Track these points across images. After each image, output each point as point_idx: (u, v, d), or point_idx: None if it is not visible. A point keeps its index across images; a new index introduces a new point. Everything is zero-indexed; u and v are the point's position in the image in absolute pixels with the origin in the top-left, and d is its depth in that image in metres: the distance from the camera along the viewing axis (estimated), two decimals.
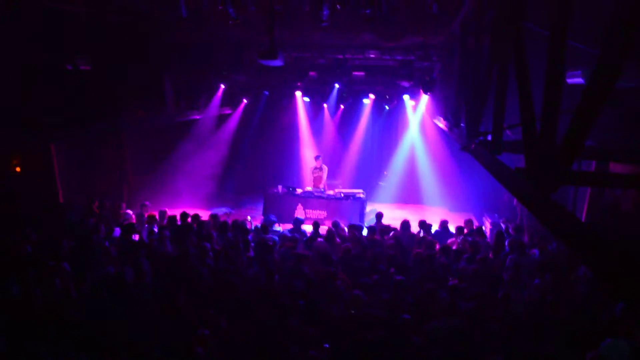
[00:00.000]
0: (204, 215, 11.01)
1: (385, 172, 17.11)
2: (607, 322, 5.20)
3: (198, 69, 13.33)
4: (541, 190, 2.81)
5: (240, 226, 9.78)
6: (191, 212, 10.79)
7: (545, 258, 8.17)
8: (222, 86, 14.55)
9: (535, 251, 8.70)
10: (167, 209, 11.32)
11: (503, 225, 11.28)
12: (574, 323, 5.51)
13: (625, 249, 1.87)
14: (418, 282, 7.25)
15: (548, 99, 2.76)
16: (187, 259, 7.81)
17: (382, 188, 16.97)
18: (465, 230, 10.06)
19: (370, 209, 14.24)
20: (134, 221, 10.66)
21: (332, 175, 15.75)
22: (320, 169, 14.03)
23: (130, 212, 11.16)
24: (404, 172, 16.68)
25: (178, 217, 10.38)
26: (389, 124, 16.99)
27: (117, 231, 9.53)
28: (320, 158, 14.23)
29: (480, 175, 12.19)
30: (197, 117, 14.38)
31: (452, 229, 10.34)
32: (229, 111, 16.19)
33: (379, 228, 10.04)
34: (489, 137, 5.13)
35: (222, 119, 16.16)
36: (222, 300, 6.41)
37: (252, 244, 9.21)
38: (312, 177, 14.07)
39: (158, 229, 9.31)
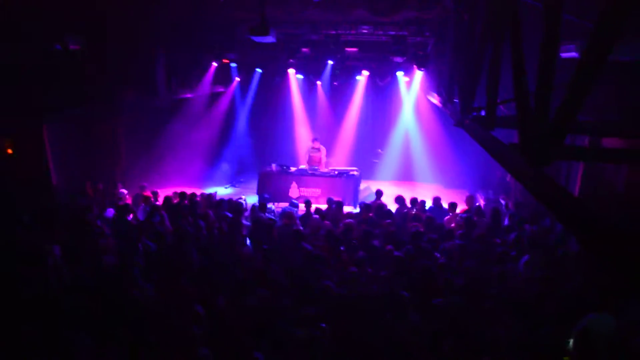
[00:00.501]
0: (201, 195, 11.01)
1: (379, 150, 17.09)
2: (595, 297, 5.25)
3: (190, 47, 13.19)
4: (534, 164, 2.81)
5: (235, 205, 9.80)
6: (187, 192, 10.80)
7: (537, 234, 8.21)
8: (214, 64, 14.42)
9: (528, 227, 8.75)
10: (161, 190, 11.32)
11: (503, 202, 11.30)
12: (563, 299, 5.56)
13: (616, 224, 1.88)
14: (413, 258, 7.29)
15: (542, 74, 2.74)
16: (184, 239, 7.82)
17: (376, 165, 16.97)
18: (466, 207, 10.12)
19: (364, 186, 14.26)
20: (129, 202, 10.66)
21: (328, 153, 15.72)
22: (319, 149, 14.00)
23: (125, 191, 11.14)
24: (398, 149, 16.67)
25: (173, 197, 10.38)
26: (383, 100, 16.93)
27: (110, 211, 9.52)
28: (318, 140, 14.19)
29: (474, 152, 12.22)
30: (189, 96, 14.29)
31: (445, 205, 10.38)
32: (221, 89, 16.08)
33: (375, 205, 10.06)
34: (483, 113, 5.12)
35: (214, 98, 16.06)
36: (218, 280, 6.43)
37: (248, 224, 9.25)
38: (308, 156, 14.05)
39: (152, 209, 9.30)
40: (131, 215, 9.30)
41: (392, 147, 16.82)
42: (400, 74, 15.44)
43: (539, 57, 2.73)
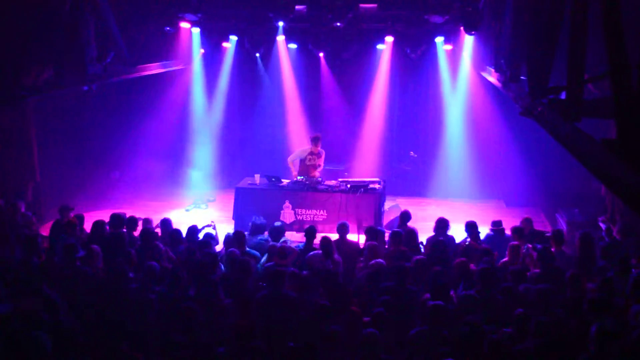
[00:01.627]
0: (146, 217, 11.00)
1: (411, 153, 17.06)
2: None
3: (131, 7, 13.22)
4: None
5: (199, 238, 9.78)
6: (133, 213, 10.85)
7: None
8: (168, 30, 14.46)
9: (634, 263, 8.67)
10: (93, 212, 11.32)
11: (603, 225, 11.15)
12: None
13: None
14: (462, 309, 7.23)
15: None
16: (122, 286, 7.79)
17: (407, 175, 16.94)
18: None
19: (391, 204, 14.21)
20: (38, 229, 10.66)
21: (333, 158, 15.69)
22: (318, 154, 13.87)
23: (31, 214, 11.14)
24: (438, 152, 16.64)
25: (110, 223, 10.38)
26: (415, 80, 16.91)
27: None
28: (320, 140, 13.98)
29: (550, 152, 12.18)
30: (132, 77, 14.32)
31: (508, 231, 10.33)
32: (179, 66, 16.12)
33: (405, 233, 10.03)
34: (563, 95, 5.10)
35: (168, 78, 16.11)
36: (178, 346, 6.41)
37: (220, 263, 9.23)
38: (305, 165, 13.89)
39: (77, 241, 9.26)
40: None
41: (430, 149, 16.77)
42: (440, 41, 15.44)
43: None
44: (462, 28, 13.34)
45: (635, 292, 7.45)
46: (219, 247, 10.54)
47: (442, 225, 10.36)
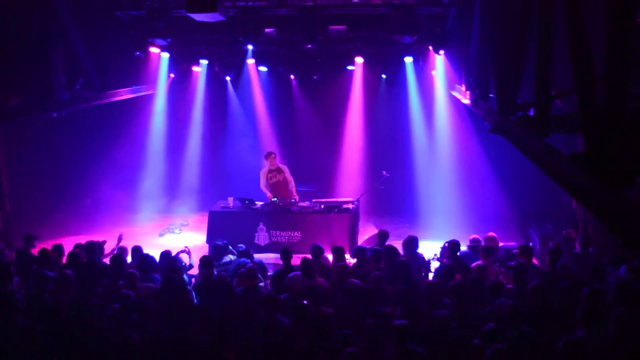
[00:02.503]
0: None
1: (384, 172, 17.12)
2: None
3: (101, 32, 13.20)
4: (609, 184, 2.79)
5: (171, 262, 9.69)
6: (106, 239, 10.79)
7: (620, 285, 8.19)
8: (138, 54, 14.44)
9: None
10: (61, 239, 11.21)
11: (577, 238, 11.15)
12: None
13: None
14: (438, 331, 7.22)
15: (614, 49, 2.74)
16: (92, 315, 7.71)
17: (381, 195, 16.97)
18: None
19: (366, 225, 14.22)
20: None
21: (307, 179, 15.69)
22: (279, 170, 13.83)
23: (3, 245, 10.99)
24: (411, 170, 16.70)
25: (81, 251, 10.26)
26: (385, 99, 17.00)
27: None
28: (274, 156, 13.95)
29: (522, 167, 12.27)
30: (102, 103, 14.27)
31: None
32: (149, 91, 16.08)
33: (385, 252, 10.00)
34: (531, 112, 5.14)
35: (138, 103, 16.06)
36: None
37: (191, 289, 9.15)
38: (271, 184, 13.84)
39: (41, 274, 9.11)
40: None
41: (403, 168, 16.83)
42: (409, 61, 15.55)
43: (607, 25, 2.73)
44: (431, 48, 13.43)
45: (618, 298, 7.52)
46: (194, 272, 10.45)
47: (409, 242, 10.32)
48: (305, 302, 8.02)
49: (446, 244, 10.20)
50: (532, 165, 4.95)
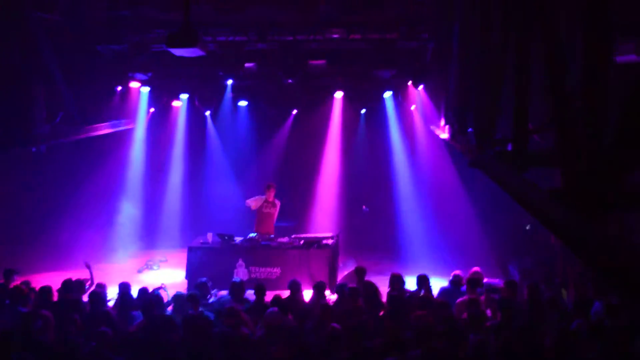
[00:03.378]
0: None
1: (364, 207, 17.12)
2: None
3: (82, 65, 13.20)
4: (589, 220, 2.78)
5: (151, 300, 9.55)
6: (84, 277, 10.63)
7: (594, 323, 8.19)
8: (119, 89, 14.44)
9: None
10: (38, 276, 11.05)
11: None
12: None
13: None
14: None
15: (591, 85, 2.75)
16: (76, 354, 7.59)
17: (361, 230, 16.94)
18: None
19: (346, 260, 14.16)
20: None
21: (286, 214, 15.65)
22: (273, 204, 13.80)
23: None
24: (390, 206, 16.71)
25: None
26: (365, 133, 17.07)
27: None
28: (274, 188, 13.92)
29: (501, 202, 12.29)
30: (81, 137, 14.21)
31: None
32: (129, 125, 16.04)
33: (362, 289, 9.94)
34: (509, 147, 5.15)
35: (118, 138, 16.00)
36: None
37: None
38: (262, 213, 13.79)
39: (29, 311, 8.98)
40: None
41: (382, 203, 16.83)
42: (388, 95, 15.64)
43: (584, 62, 2.75)
44: (410, 82, 13.51)
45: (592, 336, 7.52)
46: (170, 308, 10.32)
47: (396, 280, 10.28)
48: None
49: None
50: (511, 200, 4.94)
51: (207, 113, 17.00)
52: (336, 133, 16.99)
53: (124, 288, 10.30)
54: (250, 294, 10.74)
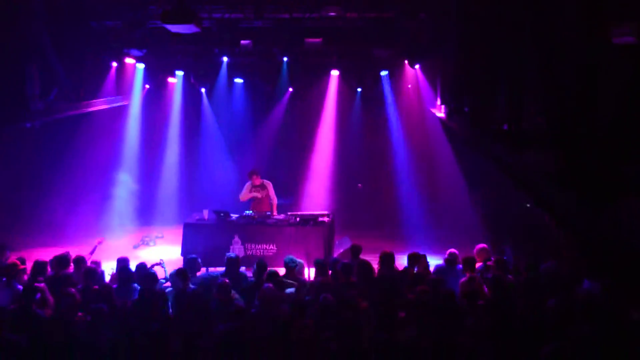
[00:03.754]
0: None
1: (359, 185, 17.14)
2: None
3: (76, 43, 13.14)
4: (585, 203, 2.79)
5: (147, 274, 9.58)
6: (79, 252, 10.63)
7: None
8: (114, 65, 14.39)
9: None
10: (34, 251, 11.08)
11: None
12: None
13: None
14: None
15: (584, 68, 2.77)
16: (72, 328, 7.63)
17: (356, 207, 16.98)
18: (478, 265, 10.08)
19: (341, 238, 14.18)
20: None
21: (282, 192, 15.68)
22: (262, 186, 13.78)
23: None
24: (386, 184, 16.73)
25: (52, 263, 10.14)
26: (361, 112, 17.05)
27: None
28: (258, 174, 13.89)
29: (496, 183, 12.32)
30: (76, 113, 14.20)
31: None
32: (124, 102, 16.01)
33: (358, 266, 9.97)
34: (505, 126, 5.18)
35: (113, 114, 15.97)
36: None
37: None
38: (255, 200, 13.81)
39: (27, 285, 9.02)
40: None
41: (378, 181, 16.86)
42: (385, 74, 15.61)
43: (579, 45, 2.76)
44: (406, 62, 13.47)
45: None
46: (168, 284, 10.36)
47: (386, 259, 10.29)
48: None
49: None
50: (505, 179, 4.98)
51: (203, 90, 16.95)
52: (332, 111, 16.97)
53: (123, 262, 10.33)
54: (243, 270, 10.83)
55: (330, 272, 10.08)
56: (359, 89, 16.54)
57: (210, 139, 17.60)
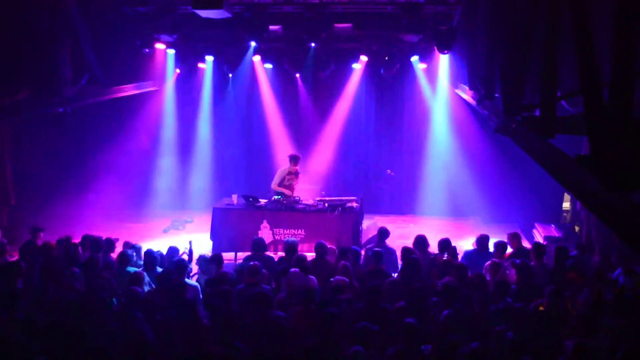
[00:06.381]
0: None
1: (389, 171, 17.13)
2: None
3: (108, 29, 13.25)
4: (615, 188, 2.78)
5: (179, 264, 9.66)
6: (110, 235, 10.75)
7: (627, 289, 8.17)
8: (145, 50, 14.48)
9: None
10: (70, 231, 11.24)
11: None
12: None
13: None
14: (443, 328, 7.22)
15: (620, 52, 2.74)
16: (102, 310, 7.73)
17: (385, 193, 16.98)
18: (510, 250, 10.05)
19: (369, 223, 14.20)
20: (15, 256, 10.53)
21: (311, 177, 15.72)
22: (296, 174, 13.76)
23: (5, 241, 11.00)
24: (415, 169, 16.71)
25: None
26: (390, 99, 17.02)
27: None
28: (299, 160, 13.82)
29: (526, 168, 12.24)
30: (107, 98, 14.32)
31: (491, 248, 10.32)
32: (154, 87, 16.11)
33: (384, 252, 10.01)
34: (537, 112, 5.13)
35: (143, 99, 16.08)
36: None
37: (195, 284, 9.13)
38: (283, 185, 13.82)
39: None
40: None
41: (407, 167, 16.82)
42: (415, 59, 15.54)
43: (615, 28, 2.73)
44: (436, 47, 13.40)
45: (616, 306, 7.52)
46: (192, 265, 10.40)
47: (419, 242, 10.33)
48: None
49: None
50: (537, 166, 4.94)
51: (230, 75, 17.01)
52: (361, 97, 16.97)
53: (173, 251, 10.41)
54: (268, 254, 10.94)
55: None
56: (388, 74, 16.48)
57: (240, 124, 17.68)
